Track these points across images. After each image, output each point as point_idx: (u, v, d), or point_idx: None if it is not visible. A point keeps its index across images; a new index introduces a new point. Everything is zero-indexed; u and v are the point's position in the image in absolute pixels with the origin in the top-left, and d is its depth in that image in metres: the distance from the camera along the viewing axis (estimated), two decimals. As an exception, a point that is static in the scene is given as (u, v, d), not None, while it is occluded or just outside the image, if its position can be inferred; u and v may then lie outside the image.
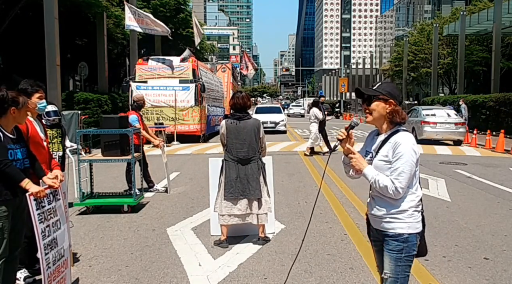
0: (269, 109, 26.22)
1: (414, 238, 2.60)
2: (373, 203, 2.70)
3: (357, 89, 2.75)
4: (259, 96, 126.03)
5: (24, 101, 3.42)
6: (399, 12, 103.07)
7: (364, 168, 2.62)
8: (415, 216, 2.60)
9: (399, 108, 2.64)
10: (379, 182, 2.56)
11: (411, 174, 2.54)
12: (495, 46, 24.06)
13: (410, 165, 2.53)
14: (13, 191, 3.33)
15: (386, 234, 2.64)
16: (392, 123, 2.64)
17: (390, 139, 2.61)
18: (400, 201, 2.59)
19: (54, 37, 13.99)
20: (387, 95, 2.62)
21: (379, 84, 2.70)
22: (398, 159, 2.54)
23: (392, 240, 2.61)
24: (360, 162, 2.64)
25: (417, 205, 2.62)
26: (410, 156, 2.53)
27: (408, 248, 2.59)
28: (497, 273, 4.44)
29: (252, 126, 5.12)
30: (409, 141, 2.57)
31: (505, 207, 7.21)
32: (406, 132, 2.62)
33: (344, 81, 54.51)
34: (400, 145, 2.55)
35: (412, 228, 2.59)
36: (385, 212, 2.63)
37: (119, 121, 6.70)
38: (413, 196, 2.60)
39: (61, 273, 3.57)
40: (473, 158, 13.30)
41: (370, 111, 2.66)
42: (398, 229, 2.59)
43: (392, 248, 2.61)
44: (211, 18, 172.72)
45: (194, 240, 5.45)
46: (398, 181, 2.52)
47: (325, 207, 7.03)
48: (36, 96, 4.27)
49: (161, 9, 33.15)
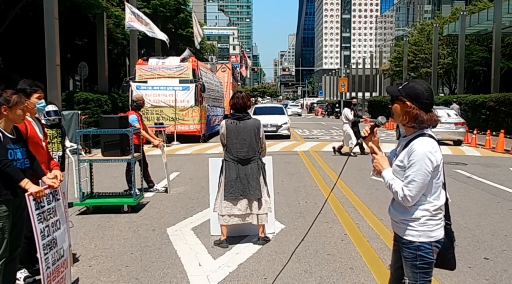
0: (269, 109, 22.25)
1: (427, 246, 2.52)
2: (392, 206, 2.66)
3: (387, 88, 2.67)
4: (259, 96, 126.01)
5: (16, 100, 3.37)
6: (399, 12, 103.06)
7: (383, 171, 2.55)
8: (428, 225, 2.50)
9: (417, 111, 2.46)
10: (392, 187, 2.50)
11: (424, 183, 2.44)
12: (495, 46, 24.05)
13: (422, 174, 2.42)
14: (13, 191, 3.32)
15: (400, 240, 2.60)
16: (412, 127, 2.51)
17: (410, 143, 2.50)
18: (413, 209, 2.51)
19: (54, 37, 13.99)
20: (405, 97, 2.48)
21: (405, 84, 2.57)
22: (410, 166, 2.44)
23: (405, 248, 2.56)
24: (381, 163, 2.57)
25: (433, 214, 2.51)
26: (424, 165, 2.42)
27: (422, 256, 2.52)
28: (497, 273, 4.43)
29: (252, 126, 5.11)
30: (424, 148, 2.44)
31: (505, 207, 7.21)
32: (426, 137, 2.48)
33: (344, 81, 54.44)
34: (414, 152, 2.44)
35: (424, 236, 2.50)
36: (400, 217, 2.58)
37: (119, 121, 6.69)
38: (428, 205, 2.50)
39: (61, 273, 3.57)
40: (473, 158, 13.29)
41: (393, 112, 2.56)
42: (410, 236, 2.53)
43: (406, 256, 2.57)
44: (211, 18, 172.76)
45: (194, 240, 5.45)
46: (407, 189, 2.44)
47: (325, 207, 7.00)
48: (35, 96, 4.26)
49: (161, 9, 33.13)
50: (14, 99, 3.36)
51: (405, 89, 2.51)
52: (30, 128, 3.93)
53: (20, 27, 21.13)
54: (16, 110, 3.36)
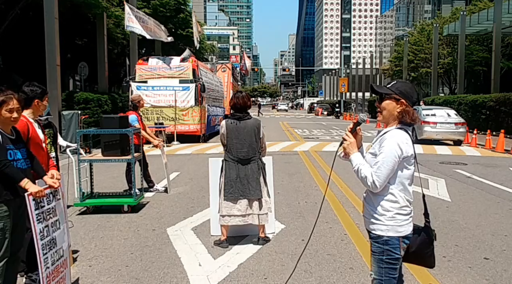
0: None
1: (395, 241, 2.56)
2: (364, 201, 2.73)
3: (371, 86, 2.75)
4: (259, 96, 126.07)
5: (1, 100, 3.31)
6: (399, 12, 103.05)
7: (352, 154, 2.62)
8: (397, 219, 2.56)
9: (410, 108, 2.60)
10: (360, 171, 2.56)
11: (391, 170, 2.50)
12: (495, 46, 24.05)
13: (390, 161, 2.49)
14: (13, 191, 3.32)
15: (370, 235, 2.67)
16: (401, 123, 2.61)
17: (384, 134, 2.60)
18: (380, 200, 2.58)
19: (54, 37, 13.99)
20: (399, 95, 2.59)
21: (393, 83, 2.67)
22: (380, 153, 2.53)
23: (374, 242, 2.62)
24: (351, 148, 2.63)
25: (401, 207, 2.57)
26: (393, 151, 2.50)
27: (389, 251, 2.57)
28: (497, 273, 4.43)
29: (252, 126, 5.11)
30: (396, 137, 2.53)
31: (505, 207, 7.21)
32: (400, 130, 2.59)
33: (344, 81, 54.51)
34: (385, 140, 2.54)
35: (392, 231, 2.56)
36: (370, 211, 2.64)
37: (119, 121, 6.69)
38: (395, 197, 2.56)
39: (61, 273, 3.57)
40: (473, 158, 13.29)
41: (381, 109, 2.64)
42: (378, 231, 2.59)
43: (374, 250, 2.62)
44: (211, 18, 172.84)
45: (194, 240, 5.45)
46: (376, 174, 2.50)
47: (325, 207, 7.02)
48: (46, 99, 4.32)
49: (161, 9, 33.10)
50: (2, 99, 3.31)
51: (398, 88, 2.61)
52: (32, 129, 3.94)
53: (20, 27, 21.11)
54: (1, 111, 3.31)
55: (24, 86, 4.15)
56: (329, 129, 27.46)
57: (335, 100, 62.12)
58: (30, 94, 4.10)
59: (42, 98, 4.19)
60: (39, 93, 4.17)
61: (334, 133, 24.03)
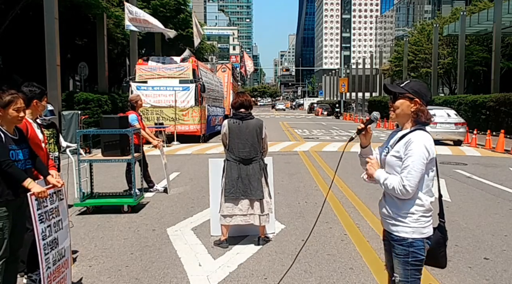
0: None
1: (420, 243, 2.55)
2: (384, 202, 2.69)
3: (384, 86, 2.74)
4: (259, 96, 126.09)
5: (9, 99, 3.33)
6: (399, 12, 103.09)
7: (375, 172, 2.61)
8: (421, 221, 2.54)
9: (424, 108, 2.58)
10: (389, 184, 2.53)
11: (421, 173, 2.49)
12: (495, 46, 24.05)
13: (420, 164, 2.47)
14: (14, 191, 3.32)
15: (392, 237, 2.62)
16: (415, 122, 2.60)
17: (407, 136, 2.57)
18: (407, 204, 2.55)
19: (54, 37, 13.99)
20: (413, 94, 2.58)
21: (407, 82, 2.66)
22: (408, 156, 2.50)
23: (398, 244, 2.58)
24: (374, 168, 2.63)
25: (426, 210, 2.56)
26: (421, 153, 2.48)
27: (414, 253, 2.55)
28: (497, 273, 4.44)
29: (254, 126, 5.10)
30: (422, 139, 2.51)
31: (505, 207, 7.21)
32: (423, 131, 2.57)
33: (344, 81, 54.50)
34: (412, 143, 2.51)
35: (417, 233, 2.54)
36: (392, 213, 2.60)
37: (119, 121, 6.69)
38: (422, 201, 2.54)
39: (62, 273, 3.57)
40: (473, 158, 13.29)
41: (394, 109, 2.63)
42: (403, 233, 2.56)
43: (398, 253, 2.59)
44: (211, 18, 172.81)
45: (194, 240, 5.45)
46: (407, 179, 2.47)
47: (325, 207, 7.00)
48: (45, 99, 4.32)
49: (161, 9, 33.12)
50: (7, 99, 3.33)
51: (411, 87, 2.60)
52: (31, 129, 3.93)
53: (20, 27, 21.11)
54: (9, 110, 3.33)
55: (23, 86, 4.15)
56: (329, 129, 27.46)
57: (335, 100, 62.11)
58: (29, 94, 4.09)
59: (41, 98, 4.20)
60: (37, 94, 4.17)
61: (334, 133, 24.03)
